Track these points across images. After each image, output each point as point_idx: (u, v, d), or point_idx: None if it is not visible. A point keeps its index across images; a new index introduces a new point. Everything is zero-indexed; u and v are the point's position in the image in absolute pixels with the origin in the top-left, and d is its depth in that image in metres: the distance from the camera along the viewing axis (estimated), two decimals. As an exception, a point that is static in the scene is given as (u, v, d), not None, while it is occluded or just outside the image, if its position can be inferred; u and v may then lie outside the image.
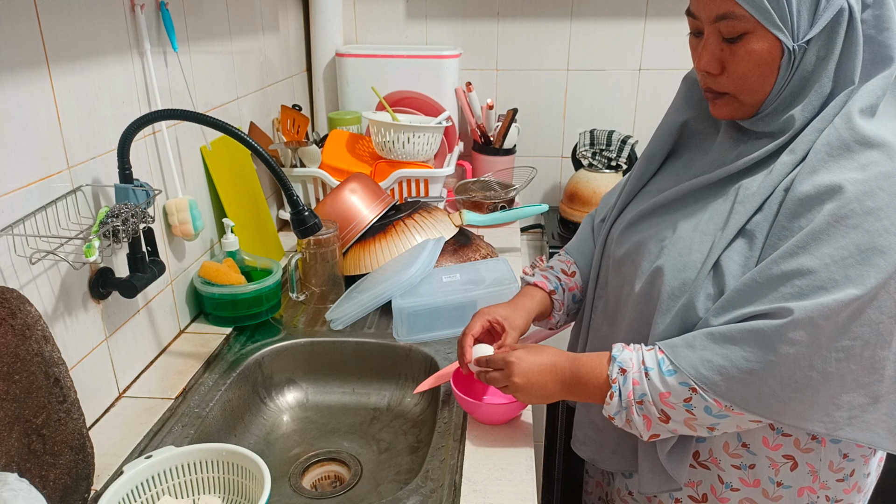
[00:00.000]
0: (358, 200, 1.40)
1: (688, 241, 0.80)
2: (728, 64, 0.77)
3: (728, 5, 0.73)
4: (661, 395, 0.77)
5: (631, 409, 0.79)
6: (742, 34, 0.74)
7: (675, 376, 0.76)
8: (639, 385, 0.78)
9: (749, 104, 0.79)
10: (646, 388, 0.78)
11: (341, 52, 1.79)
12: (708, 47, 0.77)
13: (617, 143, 1.77)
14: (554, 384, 0.85)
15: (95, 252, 0.84)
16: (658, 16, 1.84)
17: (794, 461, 0.82)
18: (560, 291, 1.03)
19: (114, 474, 0.86)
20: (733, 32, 0.74)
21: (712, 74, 0.78)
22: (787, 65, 0.74)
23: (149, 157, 1.08)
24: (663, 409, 0.77)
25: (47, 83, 0.85)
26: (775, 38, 0.73)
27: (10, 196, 0.79)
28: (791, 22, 0.72)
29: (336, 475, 1.06)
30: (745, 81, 0.77)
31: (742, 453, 0.83)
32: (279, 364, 1.18)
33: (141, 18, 1.03)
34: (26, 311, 0.73)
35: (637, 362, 0.79)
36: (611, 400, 0.80)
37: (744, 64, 0.75)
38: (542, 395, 0.86)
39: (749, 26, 0.73)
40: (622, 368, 0.80)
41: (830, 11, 0.72)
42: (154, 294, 1.11)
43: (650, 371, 0.78)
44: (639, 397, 0.78)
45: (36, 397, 0.73)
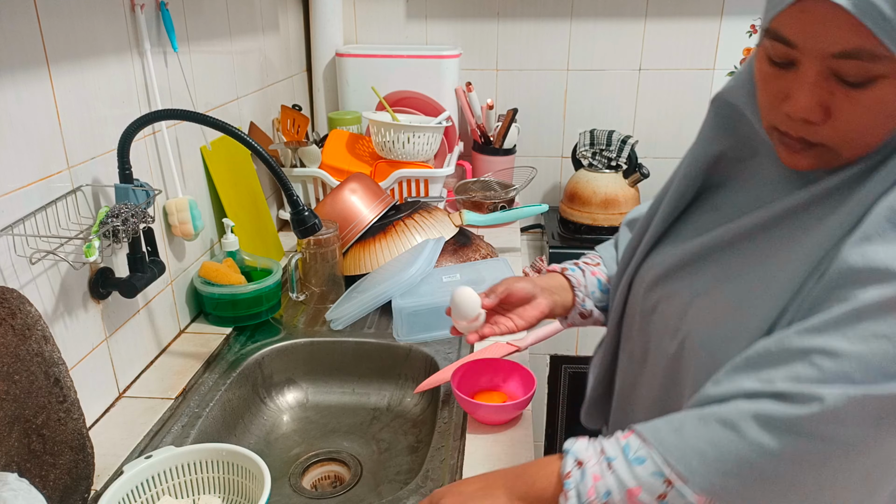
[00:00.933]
0: (358, 200, 1.40)
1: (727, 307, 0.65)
2: (837, 111, 0.57)
3: (860, 39, 0.53)
4: (630, 491, 0.61)
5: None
6: (874, 78, 0.54)
7: (646, 465, 0.60)
8: (600, 480, 0.62)
9: (846, 158, 0.60)
10: (610, 482, 0.61)
11: (341, 52, 1.79)
12: (812, 88, 0.57)
13: (617, 143, 1.77)
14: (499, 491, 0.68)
15: (95, 252, 0.84)
16: (658, 16, 1.84)
17: None
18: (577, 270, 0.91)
19: (114, 474, 0.86)
20: (861, 76, 0.55)
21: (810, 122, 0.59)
22: None
23: (149, 157, 1.09)
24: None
25: (47, 83, 0.85)
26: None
27: (10, 196, 0.79)
28: None
29: (336, 475, 1.06)
30: (858, 134, 0.58)
31: None
32: (279, 364, 1.18)
33: (141, 18, 1.03)
34: (26, 311, 0.73)
35: (596, 452, 0.64)
36: (566, 502, 0.63)
37: (866, 115, 0.56)
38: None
39: (887, 69, 0.54)
40: (578, 460, 0.64)
41: None
42: (154, 294, 1.11)
43: (613, 461, 0.62)
44: (602, 497, 0.62)
45: (36, 397, 0.73)
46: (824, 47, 0.55)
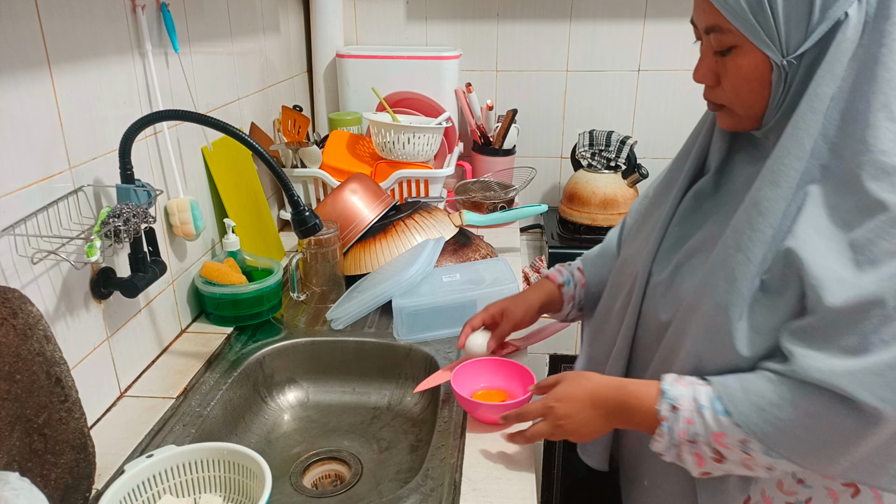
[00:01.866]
0: (358, 201, 1.40)
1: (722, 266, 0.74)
2: (721, 77, 0.74)
3: (714, 18, 0.70)
4: (716, 435, 0.72)
5: (681, 448, 0.74)
6: (730, 47, 0.71)
7: (730, 417, 0.71)
8: (692, 424, 0.73)
9: (747, 117, 0.76)
10: (699, 427, 0.72)
11: (342, 53, 1.79)
12: (703, 59, 0.75)
13: (616, 143, 1.77)
14: (599, 418, 0.80)
15: (97, 252, 0.84)
16: (657, 17, 1.84)
17: (855, 488, 0.76)
18: (570, 286, 1.04)
19: (115, 473, 0.86)
20: (722, 45, 0.72)
21: (709, 86, 0.77)
22: (777, 80, 0.71)
23: (150, 158, 1.09)
24: (718, 448, 0.72)
25: (49, 84, 0.85)
26: (763, 54, 0.70)
27: (11, 196, 0.80)
28: (779, 36, 0.68)
29: (336, 474, 1.06)
30: (738, 95, 0.74)
31: (797, 489, 0.77)
32: (280, 363, 1.18)
33: (142, 19, 1.03)
34: (28, 310, 0.73)
35: (689, 399, 0.74)
36: (660, 438, 0.75)
37: (734, 78, 0.73)
38: (593, 432, 0.82)
39: (736, 40, 0.70)
40: (673, 406, 0.74)
41: (825, 24, 0.67)
42: (155, 294, 1.11)
43: (704, 409, 0.72)
44: (691, 436, 0.73)
45: (37, 397, 0.74)
46: (701, 25, 0.73)
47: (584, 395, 0.81)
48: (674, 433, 0.74)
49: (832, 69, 0.68)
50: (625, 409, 0.79)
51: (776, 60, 0.70)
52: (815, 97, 0.69)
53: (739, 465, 0.73)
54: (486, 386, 1.03)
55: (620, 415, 0.79)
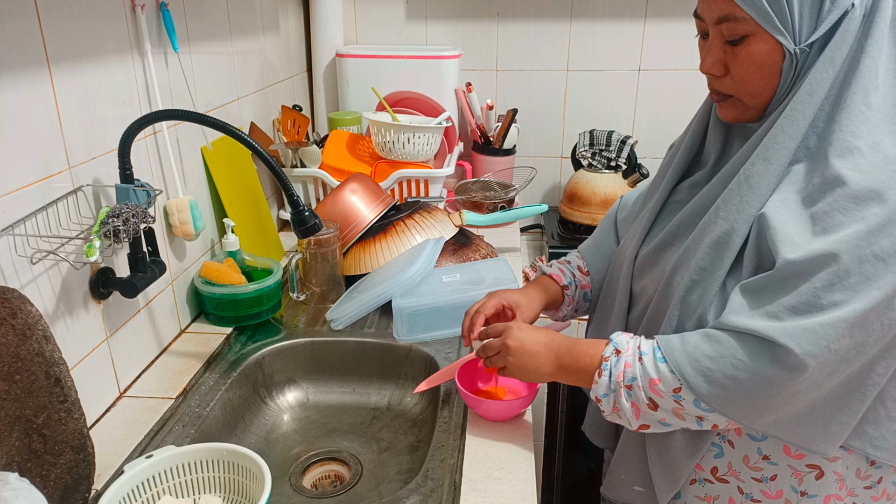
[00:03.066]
0: (358, 201, 1.40)
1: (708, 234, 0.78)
2: (731, 66, 0.76)
3: (729, 7, 0.72)
4: (651, 381, 0.76)
5: (619, 392, 0.78)
6: (743, 36, 0.73)
7: (666, 364, 0.76)
8: (630, 368, 0.77)
9: (753, 106, 0.78)
10: (637, 371, 0.77)
11: (341, 53, 1.79)
12: (711, 49, 0.77)
13: (616, 143, 1.77)
14: (546, 357, 0.86)
15: (96, 252, 0.84)
16: (657, 16, 1.84)
17: (819, 470, 0.80)
18: (573, 288, 1.04)
19: (114, 474, 0.86)
20: (734, 35, 0.74)
21: (716, 76, 0.78)
22: (789, 68, 0.74)
23: (149, 158, 1.09)
24: (651, 396, 0.76)
25: (48, 83, 0.85)
26: (776, 41, 0.72)
27: (10, 196, 0.79)
28: (793, 24, 0.71)
29: (336, 474, 1.06)
30: (748, 84, 0.76)
31: (763, 465, 0.81)
32: (280, 364, 1.18)
33: (141, 19, 1.03)
34: (27, 310, 0.73)
35: (633, 346, 0.79)
36: (599, 378, 0.79)
37: (745, 66, 0.75)
38: (532, 368, 0.87)
39: (750, 29, 0.72)
40: (616, 349, 0.80)
41: (835, 14, 0.70)
42: (155, 294, 1.11)
43: (644, 356, 0.77)
44: (628, 381, 0.77)
45: (37, 397, 0.74)
46: (711, 16, 0.75)
47: (541, 334, 0.87)
48: (613, 376, 0.78)
49: (833, 57, 0.71)
50: (572, 355, 0.84)
51: (789, 48, 0.72)
52: (814, 82, 0.72)
53: (671, 413, 0.76)
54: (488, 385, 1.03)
55: (566, 361, 0.84)
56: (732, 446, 0.82)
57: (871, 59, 0.71)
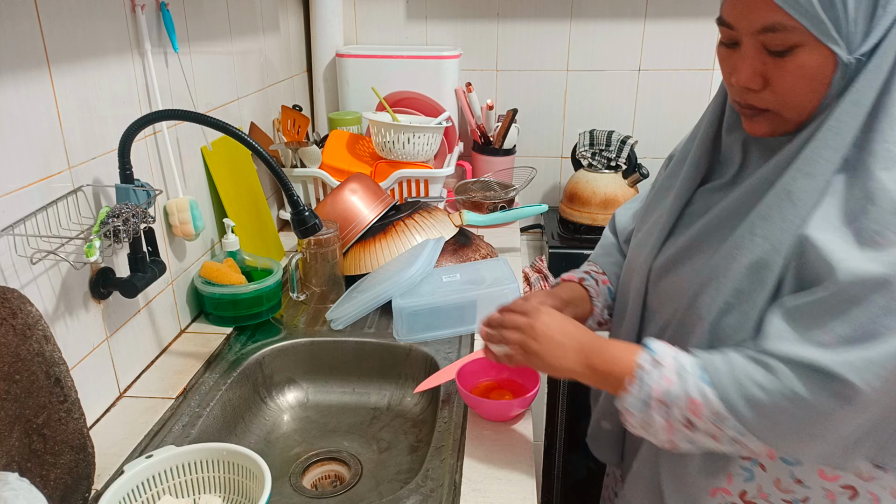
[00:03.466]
0: (358, 201, 1.40)
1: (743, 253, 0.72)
2: (773, 79, 0.69)
3: (776, 15, 0.65)
4: (692, 401, 0.70)
5: (653, 408, 0.72)
6: (792, 47, 0.66)
7: (713, 389, 0.70)
8: (672, 385, 0.71)
9: (792, 121, 0.71)
10: (678, 389, 0.71)
11: (341, 53, 1.79)
12: (749, 61, 0.69)
13: (616, 143, 1.77)
14: (575, 353, 0.78)
15: (96, 252, 0.84)
16: (657, 16, 1.84)
17: (853, 491, 0.75)
18: (591, 280, 0.98)
19: (114, 474, 0.86)
20: (782, 45, 0.66)
21: (753, 90, 0.71)
22: (840, 79, 0.67)
23: (149, 158, 1.09)
24: (689, 416, 0.71)
25: (48, 83, 0.85)
26: (829, 51, 0.65)
27: (10, 196, 0.79)
28: (847, 32, 0.65)
29: (336, 475, 1.06)
30: (793, 97, 0.69)
31: (795, 489, 0.77)
32: (280, 364, 1.18)
33: (141, 19, 1.03)
34: (27, 310, 0.73)
35: (673, 360, 0.73)
36: (630, 387, 0.73)
37: (792, 79, 0.68)
38: (556, 359, 0.79)
39: (800, 38, 0.65)
40: (655, 359, 0.73)
41: (886, 20, 0.65)
42: (155, 294, 1.11)
43: (686, 374, 0.71)
44: (667, 397, 0.71)
45: (37, 397, 0.74)
46: (751, 25, 0.67)
47: (572, 325, 0.81)
48: (650, 388, 0.72)
49: (880, 65, 0.66)
50: (605, 355, 0.77)
51: (843, 58, 0.66)
52: (860, 92, 0.67)
53: (707, 435, 0.72)
54: (489, 384, 1.02)
55: (598, 358, 0.77)
56: (764, 469, 0.77)
57: None
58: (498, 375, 1.03)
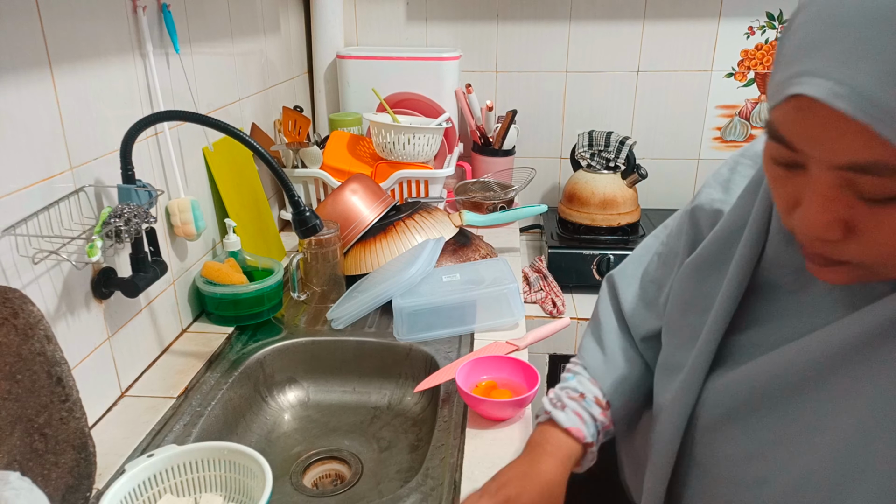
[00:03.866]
0: (359, 201, 1.41)
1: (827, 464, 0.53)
2: (862, 229, 0.47)
3: (876, 151, 0.42)
4: None
5: None
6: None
7: None
8: None
9: (883, 276, 0.50)
10: None
11: (342, 54, 1.79)
12: (826, 203, 0.46)
13: (615, 144, 1.77)
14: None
15: (98, 252, 0.84)
16: (656, 17, 1.84)
17: None
18: (597, 437, 0.77)
19: (116, 473, 0.86)
20: (883, 193, 0.44)
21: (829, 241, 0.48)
22: None
23: (151, 158, 1.09)
24: None
25: (50, 84, 0.85)
26: None
27: (12, 196, 0.80)
28: None
29: (337, 473, 1.06)
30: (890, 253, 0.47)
31: None
32: (280, 363, 1.18)
33: (143, 20, 1.03)
34: (29, 310, 0.74)
35: None
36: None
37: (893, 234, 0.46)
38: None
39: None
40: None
41: None
42: (156, 294, 1.12)
43: None
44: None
45: (38, 396, 0.74)
46: (830, 158, 0.44)
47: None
48: None
49: None
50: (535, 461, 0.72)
51: None
52: None
53: None
54: (490, 378, 1.02)
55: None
56: None
57: None
58: (498, 375, 1.03)
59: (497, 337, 1.17)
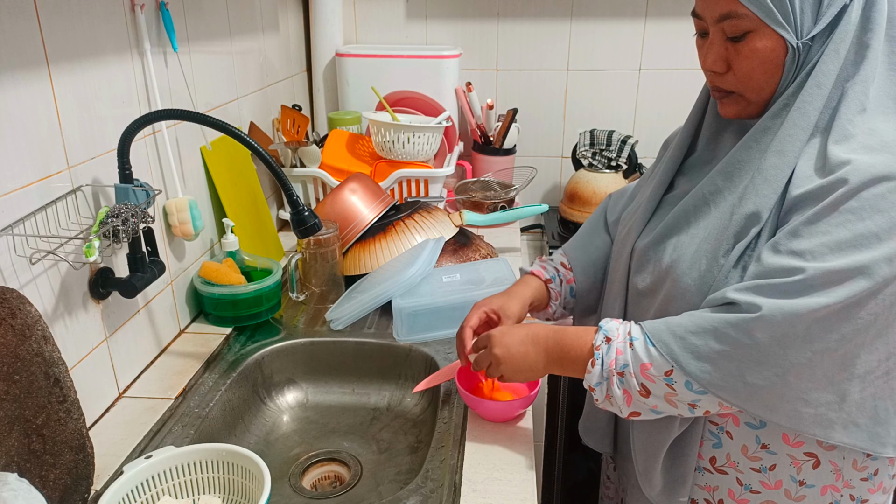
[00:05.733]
0: (358, 200, 1.40)
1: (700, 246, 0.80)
2: (733, 63, 0.77)
3: (731, 5, 0.73)
4: (643, 365, 0.77)
5: (611, 381, 0.79)
6: (746, 33, 0.74)
7: (656, 347, 0.77)
8: (622, 355, 0.78)
9: (755, 102, 0.79)
10: (628, 357, 0.78)
11: (341, 52, 1.79)
12: (713, 47, 0.78)
13: (617, 143, 1.77)
14: (536, 354, 0.86)
15: (95, 252, 0.84)
16: (658, 16, 1.84)
17: (816, 459, 0.80)
18: (557, 282, 1.04)
19: (114, 474, 0.86)
20: (737, 31, 0.75)
21: (718, 73, 0.79)
22: (791, 62, 0.75)
23: (149, 157, 1.09)
24: (644, 382, 0.77)
25: (47, 83, 0.85)
26: (779, 36, 0.73)
27: (10, 196, 0.79)
28: (794, 19, 0.73)
29: (336, 475, 1.06)
30: (751, 80, 0.77)
31: (762, 455, 0.81)
32: (279, 364, 1.18)
33: (141, 18, 1.03)
34: (26, 311, 0.73)
35: (623, 333, 0.80)
36: (592, 368, 0.80)
37: (748, 62, 0.76)
38: (526, 367, 0.87)
39: (752, 25, 0.73)
40: (607, 337, 0.80)
41: (834, 8, 0.73)
42: (154, 294, 1.11)
43: (635, 341, 0.78)
44: (620, 367, 0.78)
45: (36, 397, 0.73)
46: (712, 14, 0.76)
47: (524, 331, 0.88)
48: (605, 364, 0.79)
49: (837, 49, 0.74)
50: (561, 347, 0.84)
51: (791, 42, 0.73)
52: (821, 74, 0.74)
53: (664, 399, 0.77)
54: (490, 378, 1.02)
55: (557, 354, 0.85)
56: (731, 437, 0.83)
57: (872, 51, 0.74)
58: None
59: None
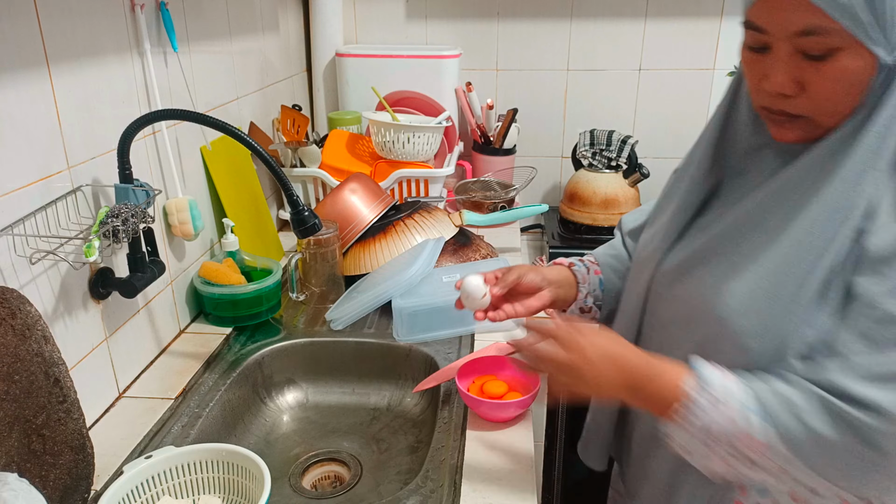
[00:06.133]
0: (358, 200, 1.40)
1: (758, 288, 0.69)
2: (810, 84, 0.65)
3: (816, 17, 0.61)
4: (757, 443, 0.66)
5: (708, 445, 0.68)
6: (832, 50, 0.63)
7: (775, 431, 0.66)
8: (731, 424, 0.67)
9: (826, 127, 0.68)
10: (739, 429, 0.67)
11: (341, 52, 1.79)
12: (782, 65, 0.66)
13: (617, 143, 1.77)
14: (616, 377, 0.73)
15: (95, 252, 0.84)
16: (658, 16, 1.84)
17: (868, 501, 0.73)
18: (581, 266, 0.96)
19: (114, 474, 0.86)
20: (821, 49, 0.63)
21: (787, 97, 0.67)
22: (881, 83, 0.64)
23: (149, 157, 1.09)
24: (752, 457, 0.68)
25: (47, 83, 0.85)
26: (871, 54, 0.62)
27: (10, 196, 0.79)
28: (888, 34, 0.62)
29: (336, 475, 1.06)
30: (830, 103, 0.66)
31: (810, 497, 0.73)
32: (279, 364, 1.18)
33: (141, 18, 1.03)
34: (26, 311, 0.73)
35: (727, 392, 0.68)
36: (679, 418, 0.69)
37: (832, 84, 0.64)
38: (595, 384, 0.74)
39: (841, 42, 0.62)
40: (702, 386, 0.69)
41: None
42: (154, 294, 1.11)
43: (750, 413, 0.67)
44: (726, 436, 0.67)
45: (36, 397, 0.73)
46: (788, 28, 0.64)
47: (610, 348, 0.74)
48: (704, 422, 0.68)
49: None
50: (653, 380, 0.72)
51: (887, 61, 0.63)
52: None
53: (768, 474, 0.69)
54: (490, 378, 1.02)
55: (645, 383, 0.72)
56: None
57: None
58: (498, 375, 1.02)
59: (497, 337, 1.17)
